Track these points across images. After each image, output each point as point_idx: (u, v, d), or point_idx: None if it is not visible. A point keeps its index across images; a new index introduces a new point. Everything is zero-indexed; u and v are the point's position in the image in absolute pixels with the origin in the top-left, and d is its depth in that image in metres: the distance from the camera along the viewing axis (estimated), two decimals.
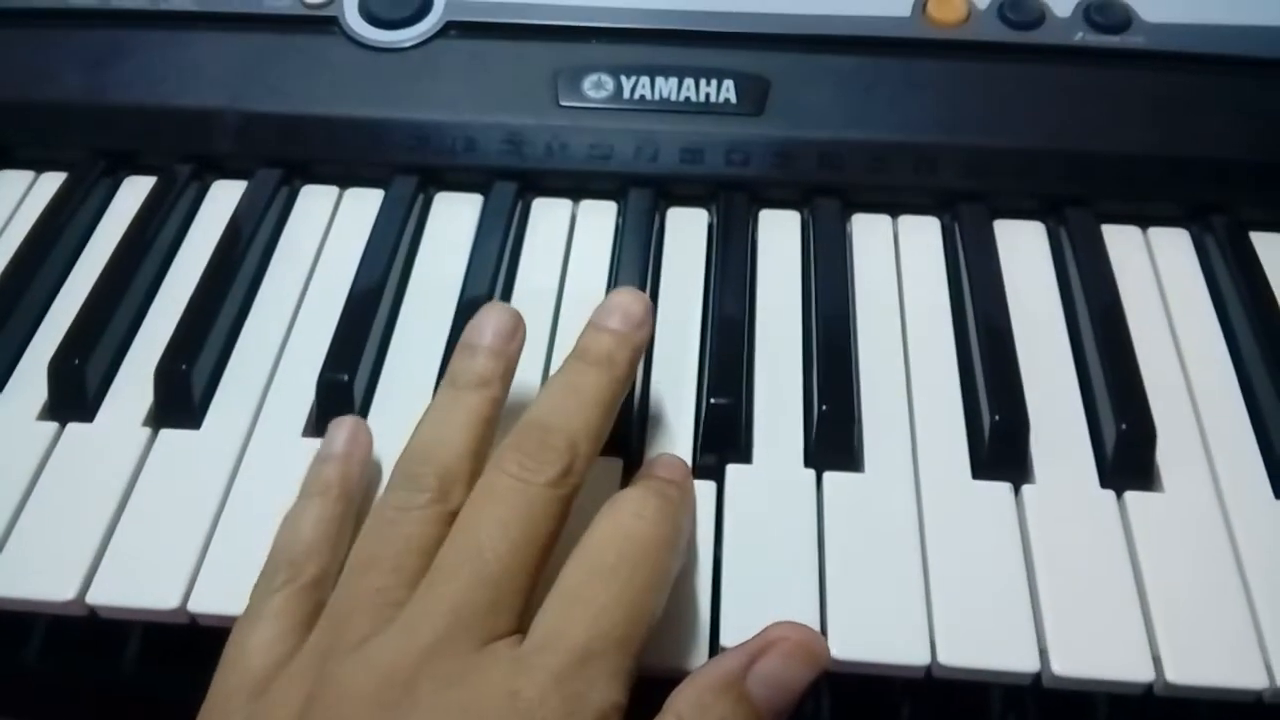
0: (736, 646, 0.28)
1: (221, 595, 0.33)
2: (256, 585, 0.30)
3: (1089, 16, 0.47)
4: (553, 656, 0.26)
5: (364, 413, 0.38)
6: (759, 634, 0.28)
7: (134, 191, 0.45)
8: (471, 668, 0.26)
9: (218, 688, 0.28)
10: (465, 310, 0.40)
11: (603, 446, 0.32)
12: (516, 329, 0.33)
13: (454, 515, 0.29)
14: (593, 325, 0.33)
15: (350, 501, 0.32)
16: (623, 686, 0.26)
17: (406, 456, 0.31)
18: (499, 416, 0.32)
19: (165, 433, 0.37)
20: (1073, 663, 0.31)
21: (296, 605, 0.29)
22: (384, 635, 0.27)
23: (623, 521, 0.29)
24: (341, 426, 0.34)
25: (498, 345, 0.33)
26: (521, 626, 0.27)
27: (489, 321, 0.33)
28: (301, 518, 0.31)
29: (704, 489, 0.35)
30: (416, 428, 0.32)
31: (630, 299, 0.33)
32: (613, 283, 0.41)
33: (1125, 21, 0.47)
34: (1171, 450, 0.36)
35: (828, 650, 0.28)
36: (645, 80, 0.45)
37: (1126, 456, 0.36)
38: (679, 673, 0.31)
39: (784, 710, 0.27)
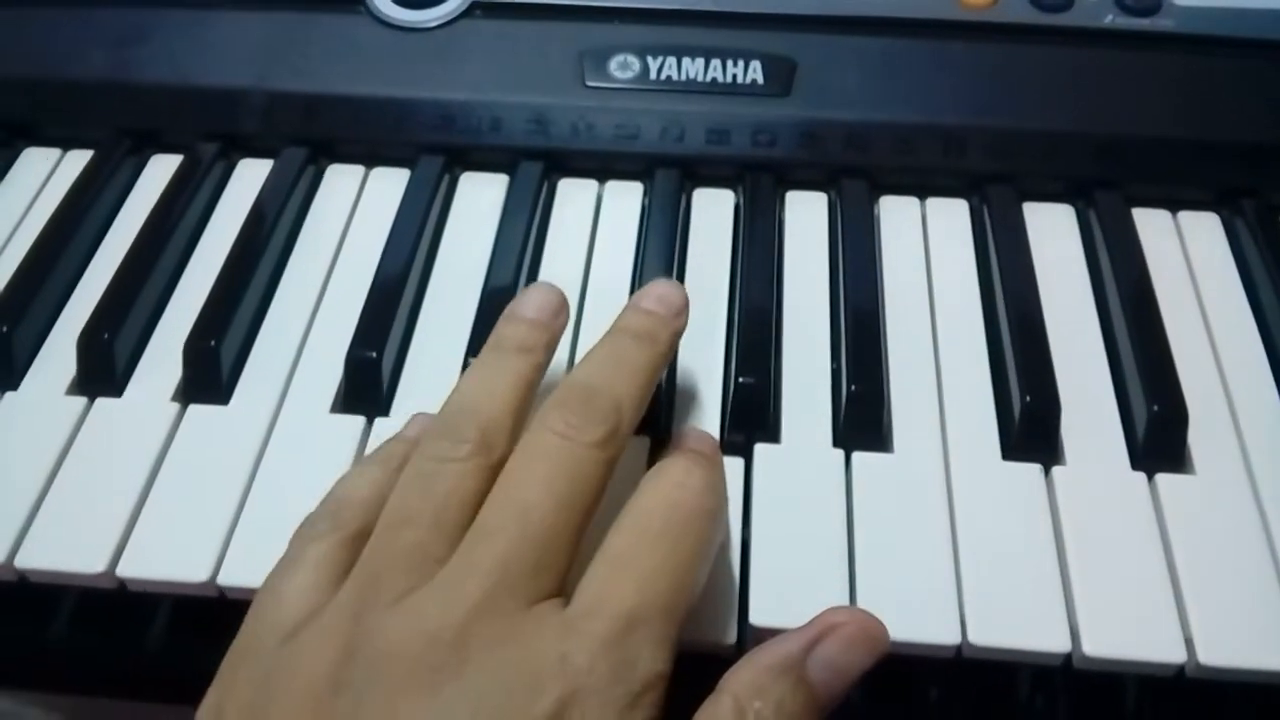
0: (796, 630, 0.28)
1: (250, 569, 0.33)
2: (297, 532, 0.30)
3: None
4: (600, 622, 0.26)
5: (391, 393, 0.38)
6: (818, 617, 0.28)
7: (160, 170, 0.45)
8: (519, 629, 0.26)
9: (248, 630, 0.28)
10: (491, 292, 0.40)
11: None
12: (561, 308, 0.33)
13: (495, 469, 0.29)
14: (633, 307, 0.33)
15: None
16: (668, 655, 0.26)
17: (447, 408, 0.30)
18: (539, 384, 0.32)
19: (194, 408, 0.37)
20: (1104, 643, 0.31)
21: (336, 556, 0.29)
22: (426, 591, 0.26)
23: (668, 490, 0.28)
24: (415, 421, 0.34)
25: (543, 318, 0.33)
26: (564, 589, 0.27)
27: (534, 297, 0.33)
28: (359, 476, 0.31)
29: (732, 467, 0.35)
30: (457, 384, 0.31)
31: (670, 288, 0.34)
32: (639, 263, 0.41)
33: (1155, 5, 0.46)
34: (1203, 433, 0.36)
35: (888, 635, 0.28)
36: (672, 61, 0.45)
37: (1158, 438, 0.35)
38: (706, 650, 0.31)
39: (840, 695, 0.27)
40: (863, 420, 0.36)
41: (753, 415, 0.36)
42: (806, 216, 0.43)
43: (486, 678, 0.25)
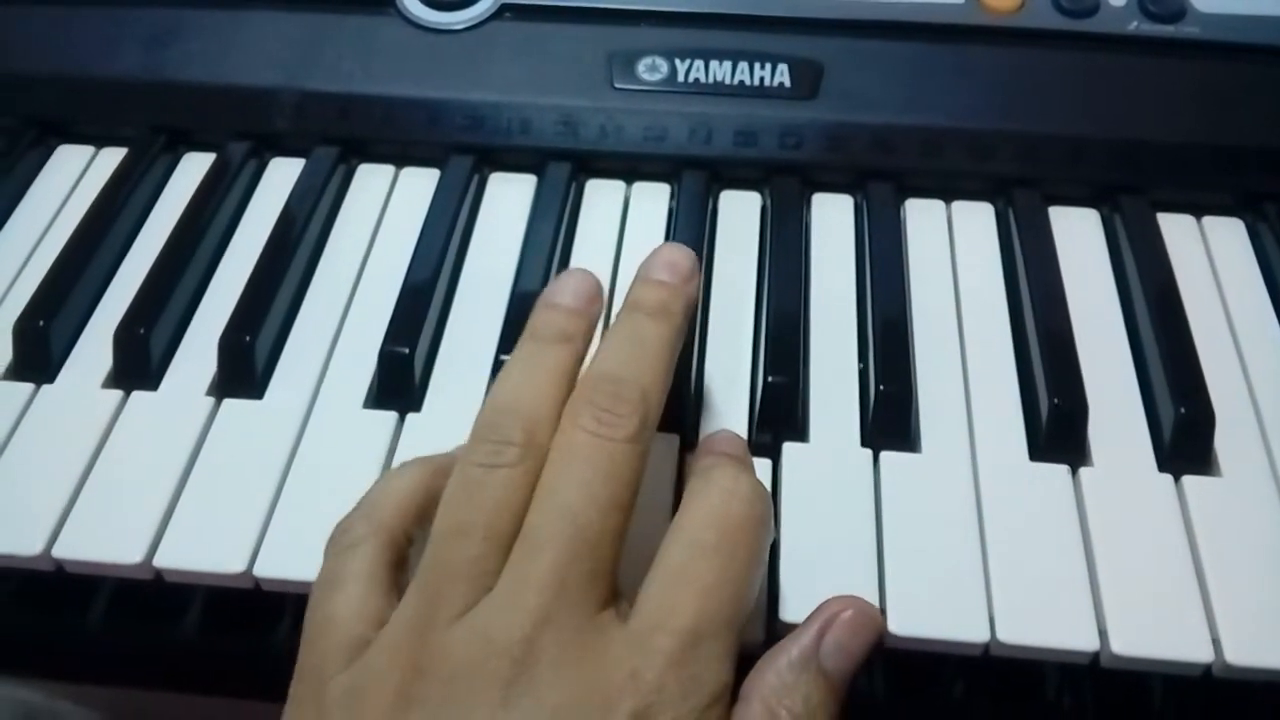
0: (802, 625, 0.29)
1: (286, 561, 0.33)
2: (332, 540, 0.30)
3: (1144, 6, 0.47)
4: (666, 638, 0.26)
5: (423, 389, 0.38)
6: (819, 609, 0.29)
7: (193, 168, 0.46)
8: (586, 643, 0.26)
9: (309, 660, 0.28)
10: (520, 292, 0.40)
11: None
12: (598, 293, 0.33)
13: (542, 467, 0.28)
14: (642, 279, 0.33)
15: (440, 477, 0.31)
16: (731, 667, 0.27)
17: (490, 405, 0.30)
18: (579, 373, 0.32)
19: (229, 402, 0.37)
20: (1132, 643, 0.31)
21: (379, 562, 0.29)
22: (487, 605, 0.26)
23: (719, 499, 0.28)
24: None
25: (579, 305, 0.32)
26: (617, 589, 0.27)
27: (569, 283, 0.33)
28: (391, 478, 0.31)
29: (760, 467, 0.35)
30: (499, 378, 0.31)
31: (677, 253, 0.33)
32: None
33: (1180, 11, 0.47)
34: (1228, 436, 0.36)
35: (882, 616, 0.29)
36: (699, 63, 0.45)
37: (1185, 440, 0.36)
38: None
39: (851, 679, 0.28)
40: (891, 420, 0.36)
41: (782, 415, 0.36)
42: (833, 218, 0.44)
43: (559, 693, 0.25)
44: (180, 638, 0.36)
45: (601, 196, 0.45)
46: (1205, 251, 0.43)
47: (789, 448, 0.36)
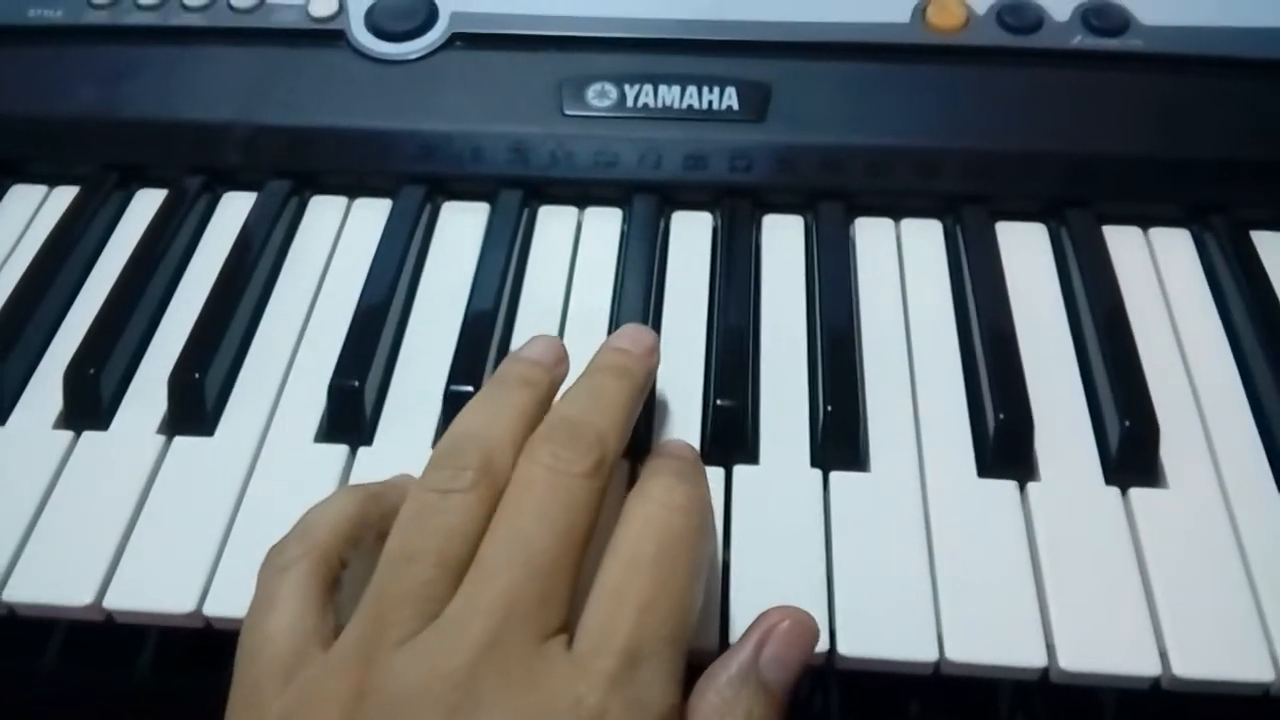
0: (740, 638, 0.29)
1: (236, 599, 0.33)
2: (265, 562, 0.30)
3: (1087, 20, 0.47)
4: (606, 660, 0.26)
5: (374, 421, 0.38)
6: (756, 621, 0.29)
7: (146, 204, 0.46)
8: (531, 669, 0.26)
9: (244, 677, 0.28)
10: (472, 317, 0.40)
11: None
12: (563, 358, 0.34)
13: (497, 498, 0.29)
14: (606, 347, 0.34)
15: (374, 503, 0.32)
16: (677, 686, 0.27)
17: (449, 434, 0.31)
18: (541, 419, 0.32)
19: (179, 440, 0.37)
20: (1080, 658, 0.31)
21: (312, 580, 0.28)
22: (434, 631, 0.26)
23: (654, 513, 0.29)
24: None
25: (545, 360, 0.33)
26: (570, 618, 0.27)
27: (537, 344, 0.34)
28: (325, 501, 0.31)
29: (713, 487, 0.35)
30: (460, 414, 0.31)
31: (640, 330, 0.35)
32: (619, 287, 0.42)
33: (1123, 25, 0.47)
34: (1175, 447, 0.36)
35: (818, 625, 0.29)
36: (648, 88, 0.46)
37: (1131, 453, 0.36)
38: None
39: (791, 689, 0.28)
40: (839, 440, 0.36)
41: (732, 437, 0.37)
42: (783, 239, 0.44)
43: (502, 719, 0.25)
44: (134, 678, 0.36)
45: (554, 222, 0.45)
46: (1152, 263, 0.43)
47: (739, 470, 0.36)
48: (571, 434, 0.30)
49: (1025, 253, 0.43)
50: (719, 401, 0.37)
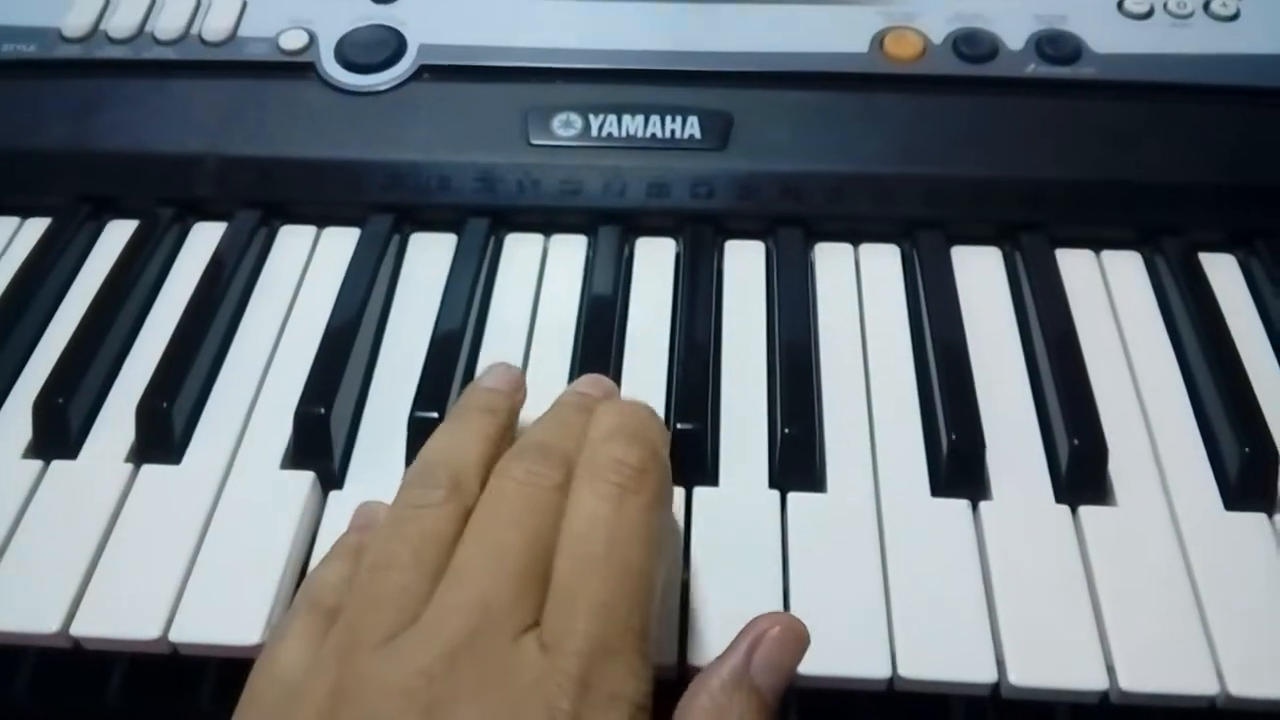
0: (730, 644, 0.29)
1: (202, 626, 0.33)
2: (276, 627, 0.31)
3: (1040, 49, 0.48)
4: (569, 660, 0.26)
5: (348, 449, 0.39)
6: (746, 628, 0.29)
7: (117, 235, 0.46)
8: (505, 667, 0.26)
9: (250, 691, 0.28)
10: (439, 342, 0.41)
11: None
12: (520, 384, 0.36)
13: (467, 514, 0.30)
14: (568, 391, 0.35)
15: None
16: (647, 675, 0.27)
17: (420, 459, 0.32)
18: (506, 445, 0.33)
19: (147, 468, 0.38)
20: (1029, 673, 0.32)
21: (321, 623, 0.29)
22: (411, 632, 0.27)
23: (591, 504, 0.29)
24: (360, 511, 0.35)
25: (504, 388, 0.35)
26: (540, 617, 0.28)
27: (495, 371, 0.36)
28: (324, 567, 0.32)
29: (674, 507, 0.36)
30: (426, 443, 0.33)
31: (600, 378, 0.36)
32: (583, 313, 0.43)
33: (1076, 53, 0.48)
34: (1124, 466, 0.37)
35: (808, 631, 0.29)
36: (612, 118, 0.47)
37: (1080, 472, 0.37)
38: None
39: (783, 693, 0.29)
40: (797, 462, 0.37)
41: (692, 461, 0.37)
42: (744, 264, 0.45)
43: (477, 717, 0.25)
44: (103, 706, 0.37)
45: (520, 250, 0.46)
46: (1104, 284, 0.44)
47: (699, 492, 0.37)
48: (541, 453, 0.31)
49: (980, 276, 0.44)
50: (680, 425, 0.38)
